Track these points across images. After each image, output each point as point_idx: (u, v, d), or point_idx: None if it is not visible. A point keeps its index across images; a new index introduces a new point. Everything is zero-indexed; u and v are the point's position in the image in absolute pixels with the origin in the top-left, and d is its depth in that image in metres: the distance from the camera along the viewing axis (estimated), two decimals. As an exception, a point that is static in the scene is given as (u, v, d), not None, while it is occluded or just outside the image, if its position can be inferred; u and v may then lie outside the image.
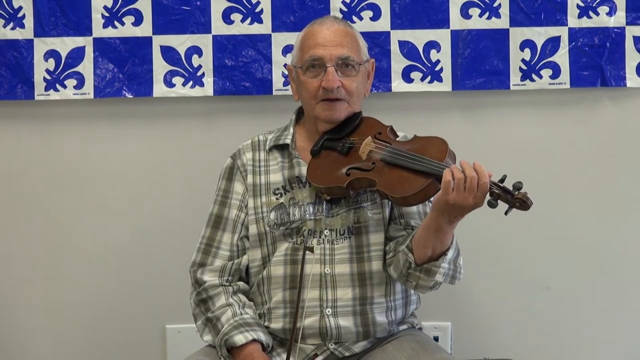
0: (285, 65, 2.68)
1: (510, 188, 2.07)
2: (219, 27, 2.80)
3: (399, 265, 2.23)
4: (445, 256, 2.16)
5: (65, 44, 2.80)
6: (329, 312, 2.27)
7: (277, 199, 2.34)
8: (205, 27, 2.80)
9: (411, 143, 2.26)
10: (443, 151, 2.17)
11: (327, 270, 2.28)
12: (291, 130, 2.40)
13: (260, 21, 2.80)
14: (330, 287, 2.28)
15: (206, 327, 2.31)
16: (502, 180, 2.08)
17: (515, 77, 2.80)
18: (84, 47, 2.80)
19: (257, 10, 2.79)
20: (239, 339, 2.22)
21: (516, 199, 2.05)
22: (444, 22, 2.79)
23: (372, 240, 2.30)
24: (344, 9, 2.79)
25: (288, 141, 2.38)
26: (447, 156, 2.15)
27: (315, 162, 2.32)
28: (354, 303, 2.28)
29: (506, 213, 2.08)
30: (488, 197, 2.06)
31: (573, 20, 2.79)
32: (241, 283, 2.37)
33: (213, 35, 2.80)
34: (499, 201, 2.06)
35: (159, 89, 2.81)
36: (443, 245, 2.16)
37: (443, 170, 2.09)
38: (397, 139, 2.31)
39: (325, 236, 2.29)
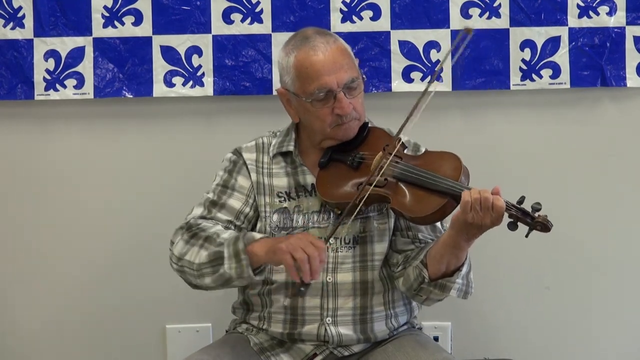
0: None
1: (529, 209, 2.05)
2: (219, 27, 2.80)
3: (409, 279, 2.22)
4: (460, 272, 2.16)
5: (65, 44, 2.80)
6: (329, 320, 2.26)
7: (280, 202, 2.30)
8: (205, 27, 2.80)
9: (423, 159, 2.23)
10: (457, 168, 2.15)
11: (329, 279, 2.26)
12: (293, 135, 2.35)
13: (260, 21, 2.80)
14: (331, 295, 2.26)
15: (202, 248, 2.20)
16: (520, 202, 2.06)
17: (515, 77, 2.80)
18: (83, 47, 2.80)
19: (257, 10, 2.79)
20: (254, 235, 2.16)
21: (537, 223, 2.03)
22: (444, 22, 2.79)
23: (377, 249, 2.28)
24: (344, 8, 2.78)
25: (291, 148, 2.33)
26: (461, 173, 2.13)
27: (324, 175, 2.27)
28: (354, 312, 2.27)
29: (527, 236, 2.06)
30: (508, 219, 2.05)
31: (573, 20, 2.79)
32: None
33: (213, 35, 2.80)
34: (519, 223, 2.05)
35: (159, 89, 2.81)
36: (458, 261, 2.15)
37: (460, 189, 2.07)
38: (405, 151, 2.28)
39: (330, 244, 2.26)
